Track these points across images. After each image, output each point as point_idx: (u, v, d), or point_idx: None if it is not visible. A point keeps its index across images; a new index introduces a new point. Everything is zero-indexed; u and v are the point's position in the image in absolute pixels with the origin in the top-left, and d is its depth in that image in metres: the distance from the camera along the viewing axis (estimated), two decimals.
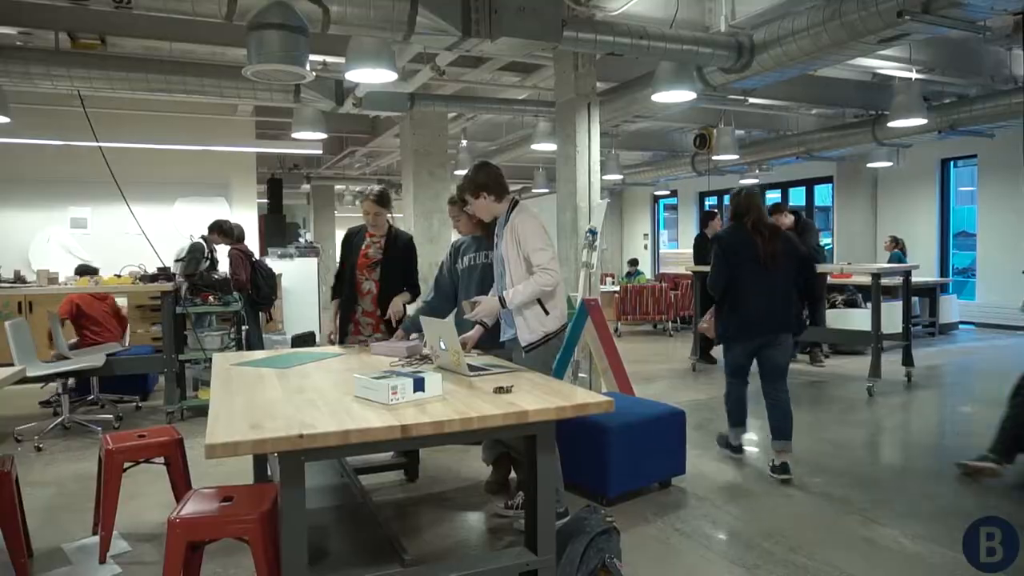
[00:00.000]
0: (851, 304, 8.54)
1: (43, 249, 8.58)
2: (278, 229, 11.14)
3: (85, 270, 6.32)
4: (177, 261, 6.59)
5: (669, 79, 5.31)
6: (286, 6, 3.70)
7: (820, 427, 5.15)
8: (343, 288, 4.09)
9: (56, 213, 8.73)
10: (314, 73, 4.11)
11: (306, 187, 15.07)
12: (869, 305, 7.82)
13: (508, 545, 3.12)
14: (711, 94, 5.96)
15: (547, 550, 2.38)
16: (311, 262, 9.41)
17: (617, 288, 11.20)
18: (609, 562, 2.66)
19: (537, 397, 2.44)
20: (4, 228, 8.49)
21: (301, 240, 11.30)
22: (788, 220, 6.65)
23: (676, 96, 5.43)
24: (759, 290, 4.01)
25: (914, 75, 6.59)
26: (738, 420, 4.40)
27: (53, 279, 5.65)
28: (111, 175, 6.01)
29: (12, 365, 4.37)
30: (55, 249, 8.64)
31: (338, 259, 4.28)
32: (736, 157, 9.61)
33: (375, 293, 4.01)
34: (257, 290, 6.53)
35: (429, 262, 8.02)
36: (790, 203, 13.76)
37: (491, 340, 3.42)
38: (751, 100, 7.44)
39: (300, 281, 9.28)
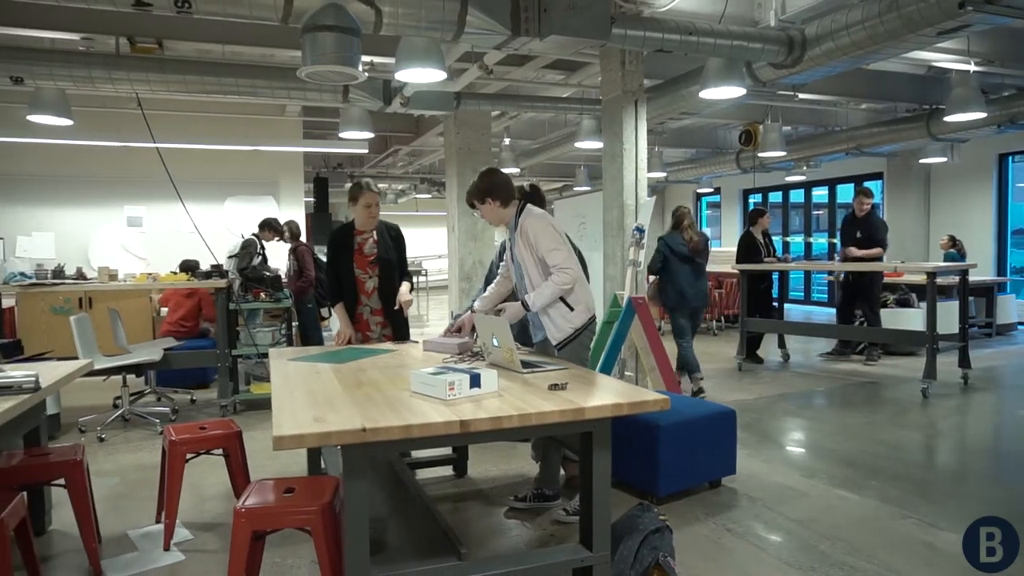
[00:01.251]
0: (904, 304, 8.32)
1: (101, 247, 8.88)
2: (324, 227, 11.32)
3: (188, 266, 6.64)
4: (230, 258, 6.77)
5: (718, 75, 5.25)
6: (340, 8, 3.77)
7: (874, 429, 5.04)
8: (343, 291, 3.97)
9: (113, 212, 9.03)
10: (366, 74, 4.16)
11: (348, 185, 15.30)
12: (922, 305, 7.66)
13: (559, 542, 3.14)
14: (760, 90, 5.88)
15: (602, 547, 2.39)
16: None
17: None
18: (663, 560, 2.65)
19: (593, 394, 2.45)
20: (66, 226, 8.81)
21: None
22: (867, 205, 7.49)
23: (725, 92, 5.36)
24: (691, 275, 6.01)
25: (972, 67, 6.39)
26: (695, 367, 6.06)
27: (113, 276, 5.85)
28: (167, 174, 6.20)
29: (75, 358, 4.55)
30: (113, 247, 8.94)
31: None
32: (783, 154, 9.45)
33: (378, 289, 3.98)
34: (320, 285, 6.71)
35: (473, 259, 8.09)
36: (838, 201, 13.51)
37: (521, 339, 3.46)
38: (800, 96, 7.30)
39: None
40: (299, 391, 2.56)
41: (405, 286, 4.02)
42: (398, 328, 4.02)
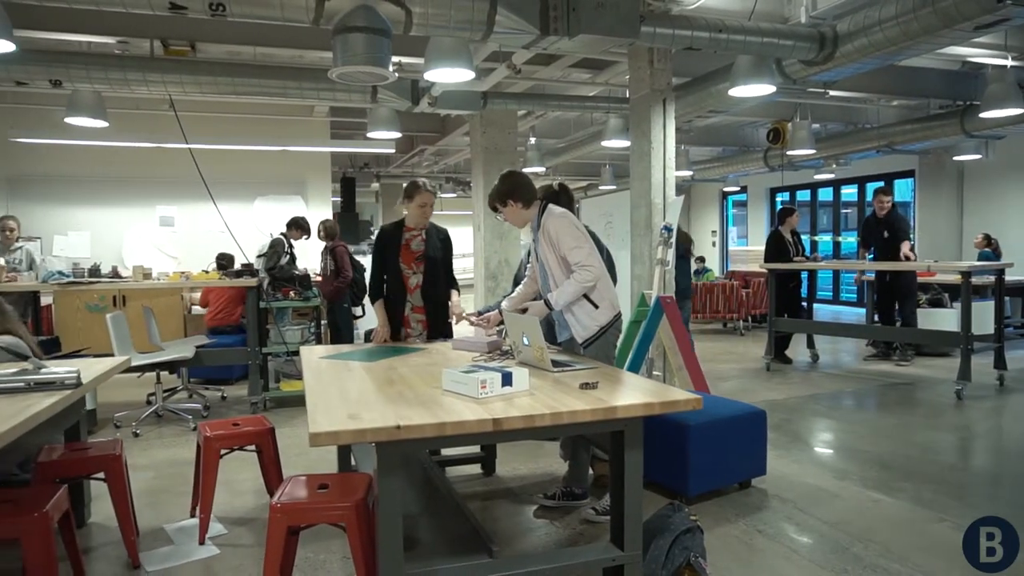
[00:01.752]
0: (936, 304, 8.18)
1: (134, 246, 9.06)
2: (351, 226, 11.43)
3: (224, 259, 6.92)
4: (259, 257, 6.86)
5: (747, 73, 5.21)
6: (370, 9, 3.80)
7: (907, 430, 4.97)
8: (385, 288, 3.98)
9: (145, 211, 9.20)
10: (396, 74, 4.19)
11: (375, 185, 15.41)
12: (956, 305, 7.53)
13: (588, 541, 3.14)
14: (790, 87, 5.81)
15: (634, 546, 2.39)
16: None
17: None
18: (694, 560, 2.64)
19: (624, 393, 2.45)
20: (101, 226, 9.00)
21: (373, 237, 11.56)
22: (888, 204, 7.42)
23: (754, 90, 5.32)
24: (687, 270, 6.56)
25: (1009, 62, 6.26)
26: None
27: (147, 274, 5.95)
28: (199, 175, 6.31)
29: (110, 355, 4.65)
30: (145, 246, 9.10)
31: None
32: (812, 152, 9.33)
33: (421, 286, 3.98)
34: (355, 285, 6.80)
35: (499, 259, 8.11)
36: (867, 199, 13.30)
37: (547, 338, 3.46)
38: (831, 92, 7.21)
39: None
40: (333, 388, 2.60)
41: (455, 296, 4.01)
42: (438, 327, 4.01)
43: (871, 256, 7.76)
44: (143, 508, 3.58)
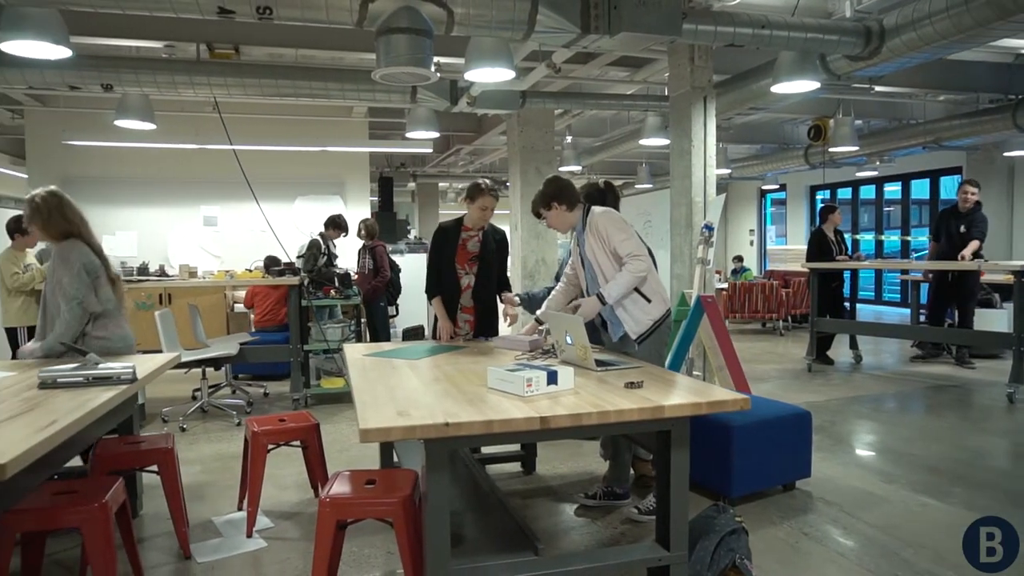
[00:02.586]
0: (986, 304, 7.95)
1: (179, 245, 9.27)
2: (389, 226, 11.52)
3: (273, 261, 7.00)
4: (298, 257, 6.98)
5: (790, 69, 5.13)
6: (413, 10, 3.84)
7: (957, 434, 4.84)
8: (442, 285, 3.99)
9: (190, 211, 9.41)
10: (438, 74, 4.22)
11: (411, 185, 15.54)
12: (1006, 305, 7.31)
13: (630, 540, 3.13)
14: (834, 83, 5.71)
15: (680, 546, 2.38)
16: (420, 258, 9.68)
17: (725, 285, 10.91)
18: (740, 562, 2.62)
19: (671, 393, 2.43)
20: (146, 225, 9.23)
21: (410, 236, 11.67)
22: (973, 198, 7.01)
23: (798, 86, 5.24)
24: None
25: None
26: None
27: (193, 273, 6.11)
28: (242, 175, 6.42)
29: (158, 351, 4.77)
30: (190, 245, 9.31)
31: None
32: (855, 148, 9.14)
33: (472, 287, 3.99)
34: (391, 284, 6.89)
35: (536, 258, 8.12)
36: (912, 196, 12.99)
37: (593, 337, 3.44)
38: (876, 88, 7.06)
39: (410, 276, 9.59)
40: (379, 386, 2.63)
41: (507, 295, 4.01)
42: (483, 328, 4.01)
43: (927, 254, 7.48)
44: (191, 501, 3.65)
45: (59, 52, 4.09)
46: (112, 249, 8.57)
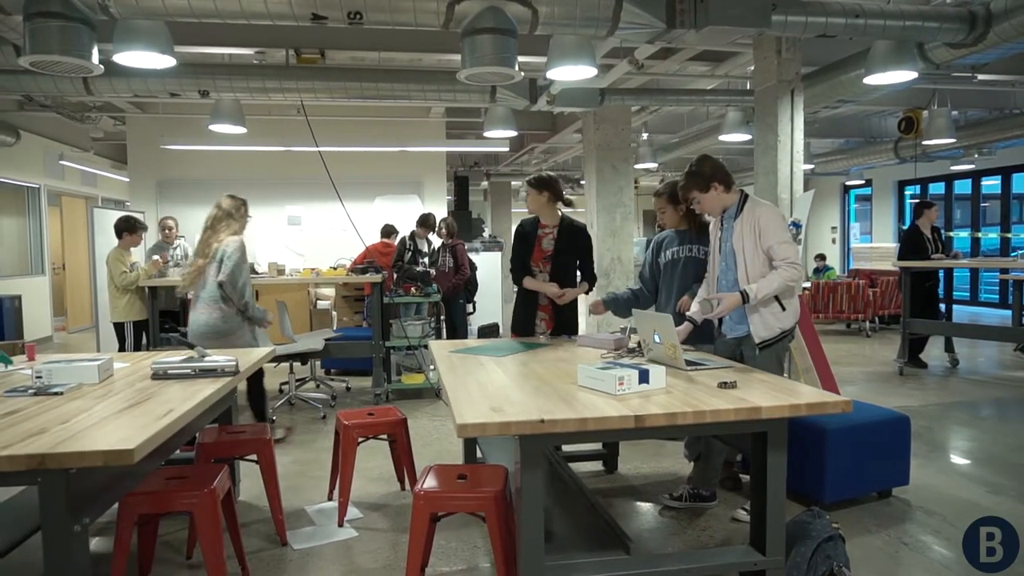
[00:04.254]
0: None
1: (265, 244, 9.65)
2: (464, 224, 11.66)
3: (390, 231, 7.55)
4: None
5: (885, 59, 4.91)
6: (498, 10, 3.87)
7: None
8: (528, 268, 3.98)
9: (275, 211, 9.77)
10: (522, 73, 4.24)
11: (484, 184, 15.67)
12: None
13: (717, 543, 3.07)
14: (931, 72, 5.43)
15: (776, 551, 2.32)
16: (495, 256, 9.77)
17: (808, 284, 10.54)
18: (838, 570, 2.54)
19: (766, 394, 2.37)
20: None
21: (485, 235, 11.77)
22: None
23: (893, 77, 5.01)
24: None
25: None
26: None
27: (281, 271, 6.34)
28: (327, 175, 6.64)
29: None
30: (275, 244, 9.68)
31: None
32: (951, 141, 8.67)
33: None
34: (470, 282, 7.00)
35: (611, 256, 8.04)
36: (1013, 191, 12.25)
37: (697, 337, 3.38)
38: (979, 76, 6.67)
39: (485, 274, 9.70)
40: (470, 382, 2.67)
41: (580, 287, 3.97)
42: (561, 326, 3.99)
43: None
44: (284, 490, 3.79)
45: (165, 62, 4.32)
46: None
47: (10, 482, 1.92)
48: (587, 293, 4.07)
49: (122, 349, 5.92)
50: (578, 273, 4.05)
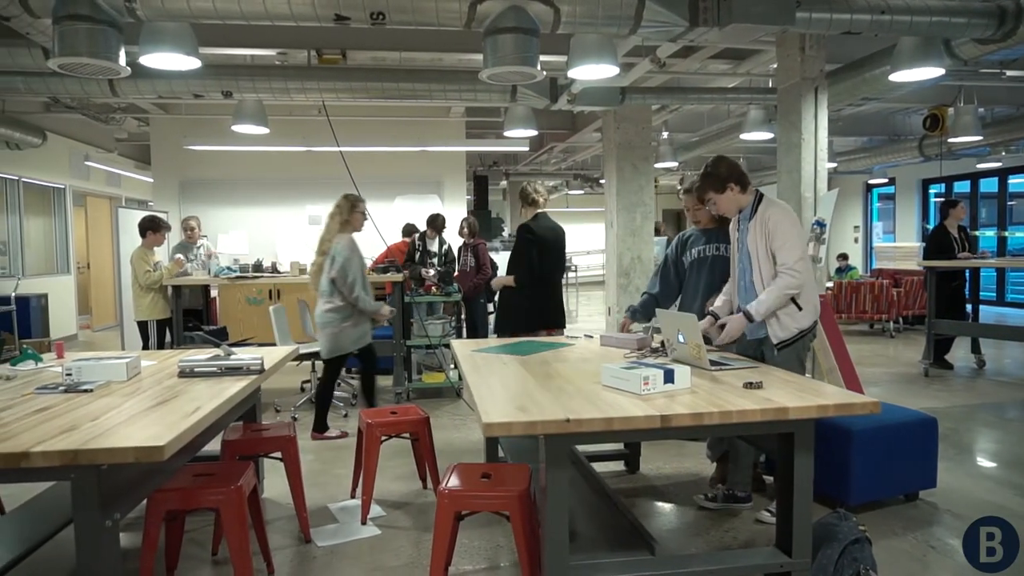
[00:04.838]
0: None
1: (286, 243, 9.72)
2: (484, 224, 11.69)
3: (411, 229, 7.55)
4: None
5: (911, 56, 4.85)
6: (520, 10, 3.86)
7: None
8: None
9: (296, 211, 9.85)
10: (544, 72, 4.24)
11: (503, 183, 15.68)
12: None
13: (742, 544, 3.05)
14: (959, 68, 5.35)
15: (802, 553, 2.30)
16: None
17: (831, 284, 10.44)
18: (865, 573, 2.51)
19: (792, 394, 2.35)
20: (256, 225, 9.74)
21: (504, 234, 11.78)
22: None
23: (919, 74, 4.95)
24: None
25: None
26: None
27: (303, 270, 6.38)
28: (348, 175, 6.65)
29: (271, 344, 5.03)
30: (296, 243, 9.75)
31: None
32: (978, 138, 8.53)
33: None
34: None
35: (632, 256, 8.01)
36: None
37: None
38: (1008, 73, 6.56)
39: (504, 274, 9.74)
40: (494, 381, 2.67)
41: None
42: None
43: None
44: (307, 487, 3.81)
45: (190, 63, 4.36)
46: (226, 247, 9.10)
47: (43, 477, 1.96)
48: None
49: (145, 347, 5.99)
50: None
